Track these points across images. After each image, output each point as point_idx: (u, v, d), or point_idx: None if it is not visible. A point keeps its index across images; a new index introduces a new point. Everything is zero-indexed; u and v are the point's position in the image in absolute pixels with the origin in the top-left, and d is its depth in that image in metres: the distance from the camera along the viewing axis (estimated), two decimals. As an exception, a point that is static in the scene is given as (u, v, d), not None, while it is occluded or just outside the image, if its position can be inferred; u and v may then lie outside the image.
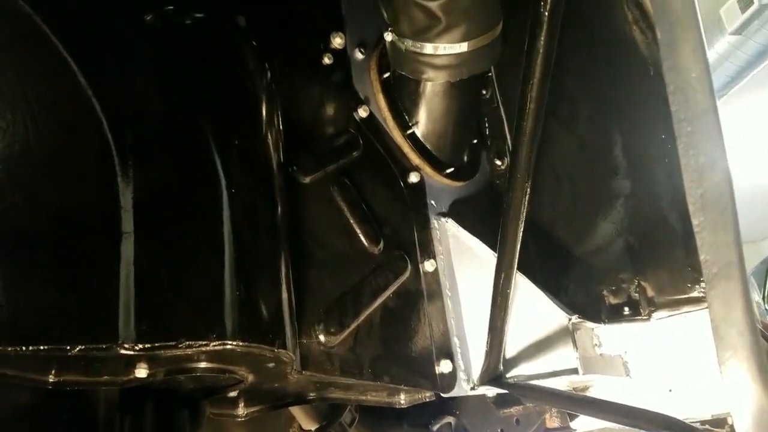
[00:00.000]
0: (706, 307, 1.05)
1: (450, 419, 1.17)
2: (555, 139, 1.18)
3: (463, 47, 0.91)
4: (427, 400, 0.95)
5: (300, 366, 0.76)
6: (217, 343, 0.63)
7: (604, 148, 1.13)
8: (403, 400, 0.96)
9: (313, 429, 0.95)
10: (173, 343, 0.63)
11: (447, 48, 0.90)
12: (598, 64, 1.12)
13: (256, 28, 0.86)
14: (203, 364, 0.69)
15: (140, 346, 0.62)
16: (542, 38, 0.67)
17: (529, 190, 0.89)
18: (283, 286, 0.74)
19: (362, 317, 0.87)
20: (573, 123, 1.19)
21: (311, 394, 0.88)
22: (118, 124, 0.67)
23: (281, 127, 0.87)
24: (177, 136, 0.69)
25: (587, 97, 1.18)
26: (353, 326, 0.85)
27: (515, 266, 0.96)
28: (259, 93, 0.82)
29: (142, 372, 0.67)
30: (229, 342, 0.64)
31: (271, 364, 0.71)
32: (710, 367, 1.00)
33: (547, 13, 0.65)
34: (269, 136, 0.82)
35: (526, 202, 0.90)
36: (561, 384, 1.02)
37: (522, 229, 0.94)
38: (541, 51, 0.68)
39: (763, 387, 0.45)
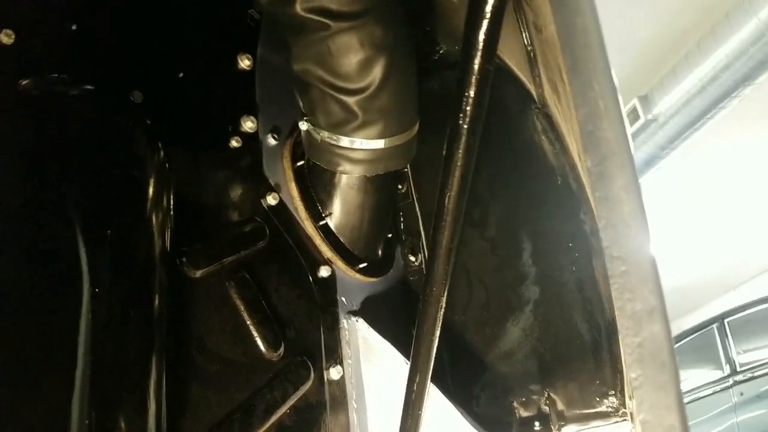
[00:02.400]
0: (615, 422, 1.04)
1: None
2: (467, 240, 1.17)
3: (380, 144, 0.89)
4: None
5: None
6: None
7: (514, 253, 1.13)
8: None
9: None
10: None
11: (363, 143, 0.88)
12: (508, 170, 1.14)
13: (156, 104, 0.78)
14: None
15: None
16: (460, 151, 0.64)
17: (444, 303, 0.85)
18: (151, 410, 0.61)
19: (254, 441, 0.75)
20: (484, 226, 1.19)
21: None
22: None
23: (172, 213, 0.77)
24: (33, 222, 0.57)
25: (497, 201, 1.19)
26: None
27: (429, 371, 0.90)
28: (146, 175, 0.72)
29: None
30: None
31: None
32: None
33: (466, 126, 0.63)
34: (153, 224, 0.71)
35: (440, 316, 0.85)
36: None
37: (436, 344, 0.89)
38: (459, 164, 0.66)
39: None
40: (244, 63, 0.94)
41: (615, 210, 0.37)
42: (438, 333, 0.88)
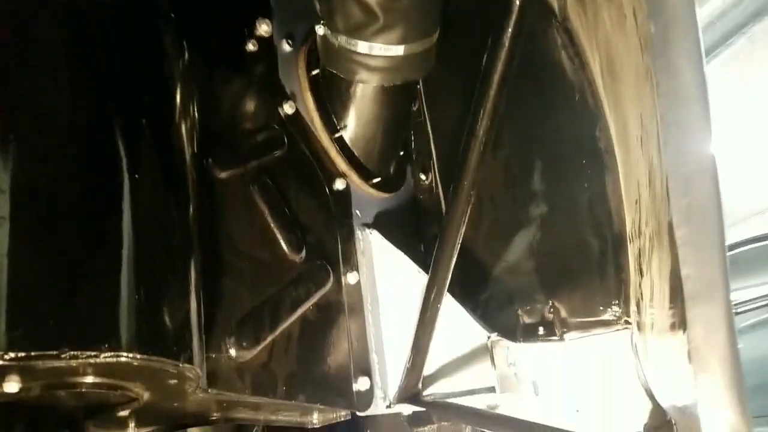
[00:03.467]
0: (617, 330, 1.09)
1: (361, 440, 1.11)
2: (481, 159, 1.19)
3: (399, 50, 0.88)
4: (342, 419, 0.89)
5: (206, 383, 0.67)
6: (109, 354, 0.53)
7: (526, 171, 1.15)
8: (316, 419, 0.89)
9: (214, 453, 0.85)
10: (54, 353, 0.52)
11: (382, 49, 0.87)
12: (524, 87, 1.14)
13: (175, 3, 0.77)
14: (90, 379, 0.58)
15: (11, 354, 0.51)
16: (495, 79, 0.65)
17: (468, 214, 0.89)
18: (192, 294, 0.65)
19: (279, 331, 0.79)
20: (498, 143, 1.20)
21: (215, 414, 0.78)
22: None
23: (197, 114, 0.78)
24: (73, 113, 0.58)
25: (512, 119, 1.20)
26: (269, 340, 0.77)
27: (446, 285, 0.94)
28: (175, 74, 0.73)
29: (12, 386, 0.54)
30: (124, 354, 0.54)
31: (173, 381, 0.61)
32: (617, 389, 1.03)
33: (507, 41, 0.63)
34: (183, 123, 0.73)
35: (464, 225, 0.89)
36: (477, 402, 1.01)
37: (458, 249, 0.93)
38: (496, 80, 0.67)
39: (741, 416, 0.44)
40: None
41: (675, 76, 0.38)
42: (457, 248, 0.92)
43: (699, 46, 0.43)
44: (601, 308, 1.06)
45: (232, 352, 0.71)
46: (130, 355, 0.54)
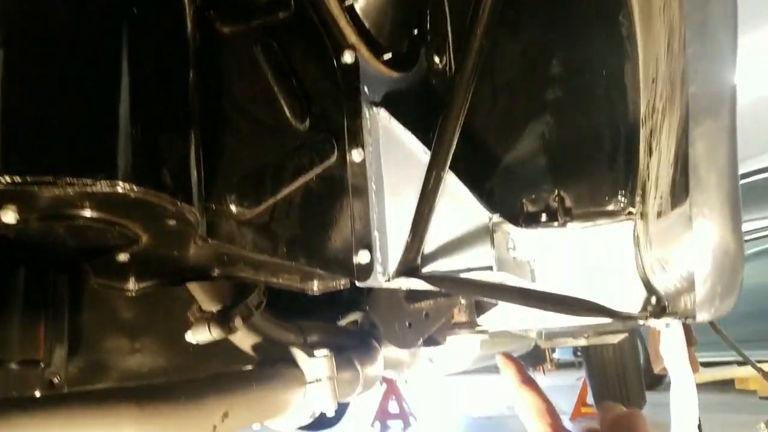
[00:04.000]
0: (620, 221, 1.09)
1: (358, 315, 1.15)
2: (499, 41, 1.14)
3: None
4: (342, 287, 0.91)
5: (206, 232, 0.68)
6: (106, 183, 0.53)
7: (544, 56, 1.11)
8: (316, 286, 0.91)
9: (214, 310, 0.88)
10: (50, 179, 0.52)
11: None
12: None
13: None
14: (87, 213, 0.59)
15: (8, 179, 0.51)
16: None
17: (471, 92, 0.86)
18: (192, 138, 0.64)
19: (281, 194, 0.80)
20: (517, 27, 1.15)
21: (216, 270, 0.80)
22: None
23: None
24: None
25: (534, 4, 1.14)
26: (270, 202, 0.77)
27: (447, 165, 0.94)
28: None
29: (9, 216, 0.55)
30: (121, 183, 0.54)
31: (172, 222, 0.62)
32: (615, 279, 1.04)
33: None
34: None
35: (467, 102, 0.87)
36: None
37: (460, 129, 0.92)
38: None
39: (733, 232, 0.43)
40: None
41: None
42: (462, 119, 0.89)
43: None
44: (607, 198, 1.06)
45: (233, 208, 0.71)
46: (127, 186, 0.54)
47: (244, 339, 0.93)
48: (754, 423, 3.06)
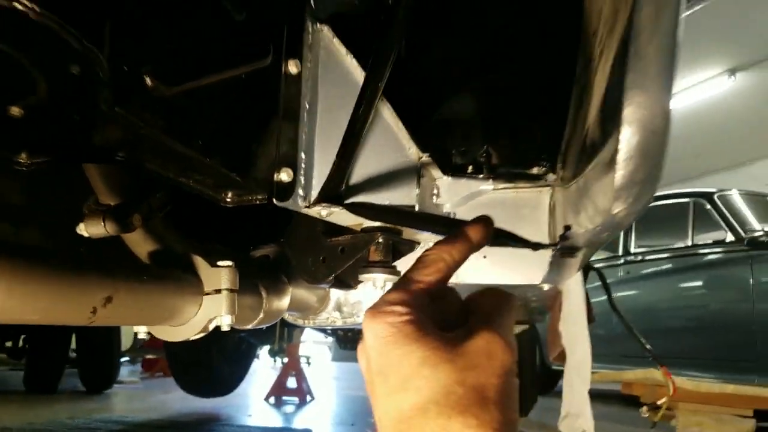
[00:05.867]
0: (539, 187, 1.11)
1: (272, 249, 1.09)
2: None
3: None
4: (258, 202, 0.85)
5: (114, 98, 0.60)
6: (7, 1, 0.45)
7: (494, 10, 1.10)
8: (230, 197, 0.84)
9: (112, 203, 0.79)
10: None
11: None
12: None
13: None
14: None
15: None
16: None
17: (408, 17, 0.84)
18: None
19: (204, 81, 0.73)
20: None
21: (119, 154, 0.72)
22: None
23: None
24: None
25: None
26: (190, 85, 0.70)
27: (380, 91, 0.90)
28: None
29: None
30: (24, 3, 0.46)
31: (76, 67, 0.54)
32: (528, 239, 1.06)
33: None
34: None
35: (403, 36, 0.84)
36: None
37: (395, 56, 0.89)
38: None
39: (663, 111, 0.43)
40: None
41: None
42: (394, 57, 0.87)
43: None
44: (530, 162, 1.08)
45: (148, 79, 0.63)
46: (35, 8, 0.46)
47: (140, 242, 0.84)
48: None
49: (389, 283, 1.05)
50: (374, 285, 1.00)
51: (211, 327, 0.78)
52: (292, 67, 0.89)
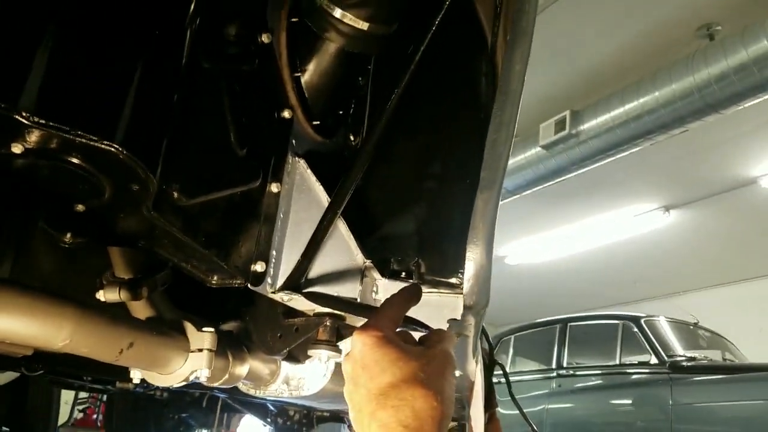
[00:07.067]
0: (455, 294, 1.40)
1: (237, 324, 1.34)
2: (398, 139, 1.48)
3: (364, 26, 1.15)
4: (236, 285, 1.12)
5: (152, 205, 0.88)
6: (106, 144, 0.74)
7: (430, 157, 1.46)
8: (215, 279, 1.10)
9: (126, 278, 1.03)
10: (67, 128, 0.72)
11: (351, 20, 1.14)
12: (446, 94, 1.46)
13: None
14: (76, 160, 0.77)
15: (36, 119, 0.70)
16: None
17: (367, 165, 1.18)
18: (167, 132, 0.86)
19: (211, 197, 1.02)
20: (413, 133, 1.50)
21: (142, 241, 0.99)
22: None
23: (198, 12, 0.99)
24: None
25: (431, 119, 1.50)
26: (202, 199, 0.99)
27: (340, 212, 1.21)
28: None
29: (17, 148, 0.73)
30: (115, 147, 0.75)
31: (136, 186, 0.82)
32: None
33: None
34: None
35: (362, 171, 1.18)
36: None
37: (353, 188, 1.21)
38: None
39: (487, 255, 0.74)
40: None
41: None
42: (353, 188, 1.19)
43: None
44: (449, 274, 1.38)
45: (175, 194, 0.92)
46: (120, 149, 0.75)
47: (140, 309, 1.08)
48: None
49: (333, 360, 1.30)
50: (320, 359, 1.25)
51: (191, 378, 1.00)
52: (274, 188, 1.20)
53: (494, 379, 2.10)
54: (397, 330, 0.82)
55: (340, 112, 1.47)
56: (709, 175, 7.56)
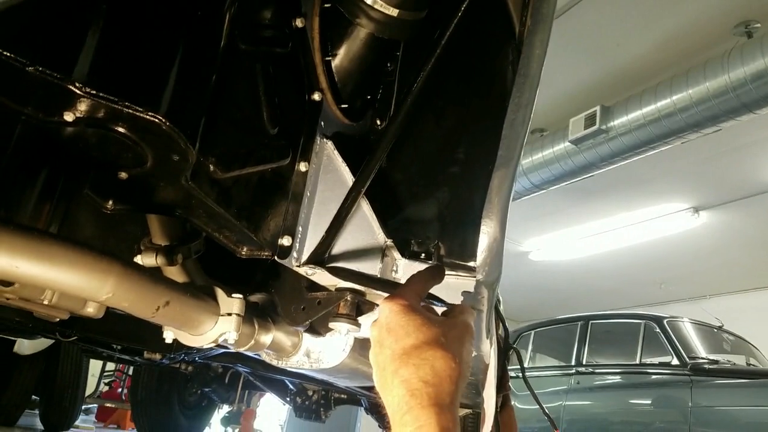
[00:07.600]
0: (470, 278, 1.44)
1: (264, 296, 1.40)
2: (425, 122, 1.52)
3: (394, 12, 1.19)
4: (264, 257, 1.18)
5: (191, 176, 0.94)
6: (150, 115, 0.80)
7: (454, 141, 1.50)
8: (245, 251, 1.17)
9: (162, 244, 1.10)
10: (115, 99, 0.78)
11: (382, 6, 1.18)
12: (473, 80, 1.49)
13: None
14: (122, 129, 0.84)
15: (88, 90, 0.76)
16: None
17: (390, 146, 1.22)
18: (206, 110, 0.92)
19: (245, 171, 1.08)
20: (441, 116, 1.54)
21: (179, 210, 1.05)
22: None
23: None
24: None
25: (455, 101, 1.54)
26: (236, 173, 1.05)
27: (363, 191, 1.26)
28: None
29: (69, 116, 0.80)
30: (159, 118, 0.81)
31: (176, 156, 0.88)
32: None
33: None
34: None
35: (386, 153, 1.23)
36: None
37: (378, 167, 1.26)
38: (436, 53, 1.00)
39: (500, 230, 0.78)
40: None
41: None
42: (383, 158, 1.24)
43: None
44: (468, 257, 1.42)
45: (212, 167, 0.98)
46: (163, 120, 0.81)
47: (175, 274, 1.15)
48: None
49: (352, 333, 1.36)
50: (339, 332, 1.30)
51: (220, 340, 1.07)
52: (303, 166, 1.26)
53: (511, 373, 2.15)
54: (421, 304, 0.87)
55: (368, 97, 1.52)
56: (742, 177, 7.38)
